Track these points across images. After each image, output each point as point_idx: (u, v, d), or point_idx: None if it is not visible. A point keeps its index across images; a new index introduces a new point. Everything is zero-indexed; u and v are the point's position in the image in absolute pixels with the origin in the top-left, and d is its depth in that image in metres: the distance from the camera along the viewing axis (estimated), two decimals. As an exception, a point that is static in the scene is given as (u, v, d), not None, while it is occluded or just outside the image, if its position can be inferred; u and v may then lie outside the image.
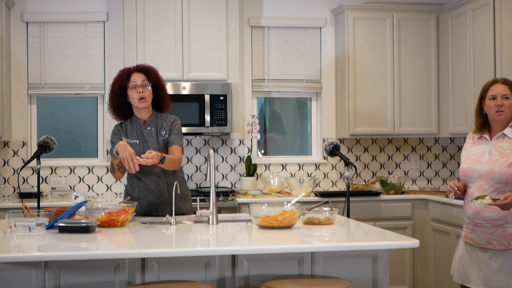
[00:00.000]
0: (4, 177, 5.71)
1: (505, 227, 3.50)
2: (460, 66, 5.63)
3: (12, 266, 2.98)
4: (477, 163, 3.62)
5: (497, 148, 3.60)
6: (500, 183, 3.52)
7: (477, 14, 5.36)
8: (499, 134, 3.62)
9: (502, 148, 3.57)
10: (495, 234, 3.54)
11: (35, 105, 5.82)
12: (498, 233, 3.53)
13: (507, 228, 3.50)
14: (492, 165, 3.55)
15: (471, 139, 3.77)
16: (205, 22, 5.55)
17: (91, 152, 5.97)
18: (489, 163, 3.57)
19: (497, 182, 3.53)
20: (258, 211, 3.49)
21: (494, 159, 3.56)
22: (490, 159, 3.58)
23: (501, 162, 3.53)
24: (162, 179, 4.07)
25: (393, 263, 5.38)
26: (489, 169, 3.55)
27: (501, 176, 3.51)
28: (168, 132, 4.06)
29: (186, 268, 3.14)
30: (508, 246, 3.50)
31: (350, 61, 5.83)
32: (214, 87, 5.52)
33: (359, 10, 5.87)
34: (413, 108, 5.93)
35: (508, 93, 3.59)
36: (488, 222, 3.55)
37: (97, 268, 3.07)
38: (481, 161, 3.61)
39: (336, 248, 3.13)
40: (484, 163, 3.59)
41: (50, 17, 5.76)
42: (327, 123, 6.13)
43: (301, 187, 5.52)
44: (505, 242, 3.51)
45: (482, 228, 3.59)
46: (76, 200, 3.75)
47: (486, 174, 3.56)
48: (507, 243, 3.51)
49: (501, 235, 3.52)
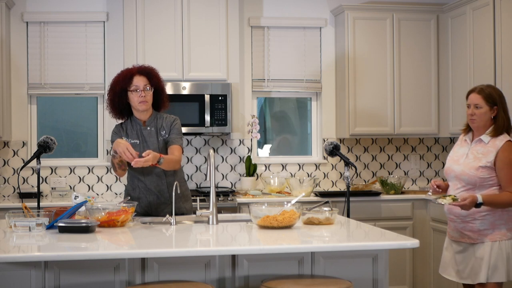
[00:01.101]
0: (4, 177, 5.71)
1: (474, 223, 3.75)
2: (460, 66, 5.63)
3: (12, 266, 2.98)
4: (455, 164, 3.86)
5: (473, 151, 3.82)
6: (469, 184, 3.76)
7: (477, 14, 5.37)
8: (477, 139, 3.84)
9: (477, 152, 3.79)
10: (465, 229, 3.79)
11: (35, 105, 5.82)
12: (468, 228, 3.78)
13: (475, 224, 3.75)
14: (464, 167, 3.79)
15: (460, 141, 4.00)
16: (205, 22, 5.55)
17: (91, 152, 5.97)
18: (463, 165, 3.81)
19: (467, 183, 3.78)
20: (258, 211, 3.49)
21: (468, 162, 3.80)
22: (465, 161, 3.82)
23: (472, 165, 3.77)
24: (162, 179, 4.07)
25: (393, 263, 5.38)
26: (462, 170, 3.80)
27: (470, 178, 3.75)
28: (168, 132, 4.06)
29: (186, 268, 3.14)
30: (476, 240, 3.74)
31: (350, 61, 5.83)
32: (214, 87, 5.52)
33: (359, 10, 5.87)
34: (413, 108, 5.93)
35: (480, 102, 3.78)
36: (458, 218, 3.82)
37: (97, 268, 3.07)
38: (458, 162, 3.85)
39: (336, 248, 3.13)
40: (460, 165, 3.83)
41: (50, 17, 5.76)
42: (327, 123, 6.13)
43: (301, 187, 5.52)
44: (474, 237, 3.76)
45: (455, 223, 3.86)
46: (76, 200, 3.75)
47: (460, 175, 3.81)
48: (475, 237, 3.75)
49: (470, 230, 3.77)
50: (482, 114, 3.78)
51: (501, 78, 5.03)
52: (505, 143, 3.72)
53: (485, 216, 3.71)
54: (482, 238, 3.72)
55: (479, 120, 3.79)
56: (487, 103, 3.77)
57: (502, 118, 3.77)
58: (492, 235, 3.71)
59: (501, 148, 3.70)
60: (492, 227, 3.71)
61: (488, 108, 3.77)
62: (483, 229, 3.72)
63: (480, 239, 3.73)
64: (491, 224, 3.71)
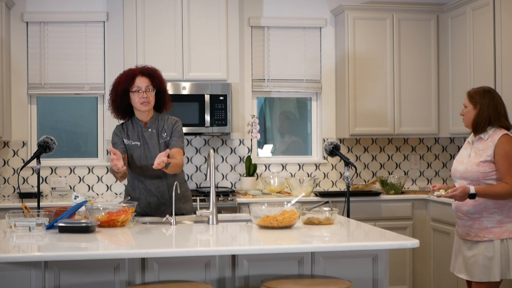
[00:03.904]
0: (4, 177, 5.71)
1: (481, 221, 3.81)
2: (460, 66, 5.63)
3: (12, 266, 2.98)
4: (460, 164, 3.97)
5: (475, 150, 3.92)
6: (474, 180, 3.83)
7: (477, 14, 5.37)
8: (477, 137, 3.95)
9: (478, 149, 3.90)
10: (472, 226, 3.84)
11: (35, 105, 5.82)
12: (475, 225, 3.83)
13: (482, 222, 3.80)
14: (467, 165, 3.89)
15: (465, 144, 4.11)
16: (205, 22, 5.55)
17: (91, 152, 5.97)
18: (466, 164, 3.91)
19: (471, 180, 3.85)
20: (258, 211, 3.49)
21: (470, 160, 3.91)
22: (468, 160, 3.93)
23: (473, 161, 3.87)
24: (163, 180, 4.07)
25: (393, 263, 5.38)
26: (465, 168, 3.90)
27: (472, 174, 3.84)
28: (169, 135, 4.04)
29: (186, 268, 3.14)
30: (483, 238, 3.79)
31: (350, 61, 5.83)
32: (214, 87, 5.52)
33: (359, 10, 5.87)
34: (413, 108, 5.93)
35: (466, 102, 3.98)
36: (466, 215, 3.87)
37: (97, 268, 3.07)
38: (463, 163, 3.95)
39: (336, 248, 3.13)
40: (464, 164, 3.93)
41: (50, 17, 5.76)
42: (327, 123, 6.13)
43: (301, 187, 5.52)
44: (481, 234, 3.80)
45: (462, 220, 3.92)
46: (76, 200, 3.74)
47: (464, 173, 3.90)
48: (482, 235, 3.80)
49: (477, 227, 3.82)
50: (467, 113, 3.97)
51: (501, 78, 5.03)
52: (501, 137, 3.82)
53: (492, 214, 3.77)
54: (490, 236, 3.76)
55: (466, 118, 3.97)
56: (471, 103, 3.94)
57: (480, 115, 3.89)
58: (500, 232, 3.75)
59: (498, 142, 3.81)
60: (500, 225, 3.76)
61: (472, 107, 3.93)
62: (491, 227, 3.77)
63: (488, 236, 3.76)
64: (498, 221, 3.76)
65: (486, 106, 3.89)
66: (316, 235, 3.33)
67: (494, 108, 3.89)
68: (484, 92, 3.93)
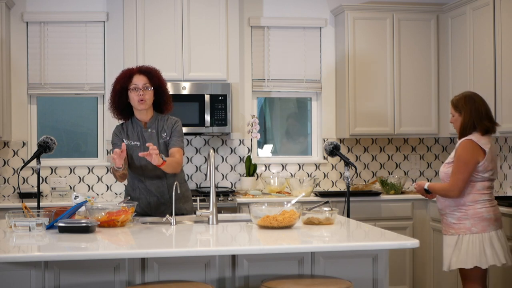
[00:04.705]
0: (4, 177, 5.71)
1: (446, 216, 4.15)
2: (460, 66, 5.63)
3: (12, 266, 2.98)
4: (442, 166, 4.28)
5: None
6: (442, 180, 4.19)
7: (477, 14, 5.36)
8: None
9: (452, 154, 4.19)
10: (442, 221, 4.22)
11: (35, 105, 5.82)
12: (443, 221, 4.20)
13: (448, 218, 4.14)
14: (442, 167, 4.23)
15: None
16: (205, 22, 5.55)
17: (91, 152, 5.97)
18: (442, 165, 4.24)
19: (441, 179, 4.21)
20: (258, 211, 3.49)
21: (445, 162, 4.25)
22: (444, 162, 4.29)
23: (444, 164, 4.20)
24: (163, 181, 4.06)
25: (393, 263, 5.38)
26: (440, 169, 4.23)
27: (441, 174, 4.20)
28: (169, 135, 4.04)
29: (186, 268, 3.14)
30: (447, 232, 4.14)
31: (350, 61, 5.83)
32: (214, 87, 5.52)
33: (359, 10, 5.87)
34: (413, 108, 5.93)
35: (452, 111, 4.22)
36: (439, 212, 4.25)
37: (97, 268, 3.07)
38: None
39: (336, 248, 3.13)
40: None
41: (50, 17, 5.76)
42: (327, 123, 6.13)
43: (301, 187, 5.52)
44: (446, 229, 4.17)
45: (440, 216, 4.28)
46: (76, 200, 3.75)
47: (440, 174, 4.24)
48: (447, 230, 4.16)
49: (444, 223, 4.18)
50: (455, 121, 4.20)
51: (501, 78, 5.03)
52: (462, 141, 4.07)
53: (453, 211, 4.10)
54: (452, 231, 4.10)
55: (455, 126, 4.20)
56: (456, 111, 4.17)
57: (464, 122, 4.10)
58: (458, 228, 4.07)
59: (458, 146, 4.08)
60: (459, 221, 4.07)
61: (458, 115, 4.16)
62: (452, 223, 4.11)
63: (450, 231, 4.11)
64: (458, 218, 4.07)
65: (469, 112, 4.10)
66: (316, 235, 3.33)
67: (476, 112, 4.10)
68: (465, 98, 4.15)
